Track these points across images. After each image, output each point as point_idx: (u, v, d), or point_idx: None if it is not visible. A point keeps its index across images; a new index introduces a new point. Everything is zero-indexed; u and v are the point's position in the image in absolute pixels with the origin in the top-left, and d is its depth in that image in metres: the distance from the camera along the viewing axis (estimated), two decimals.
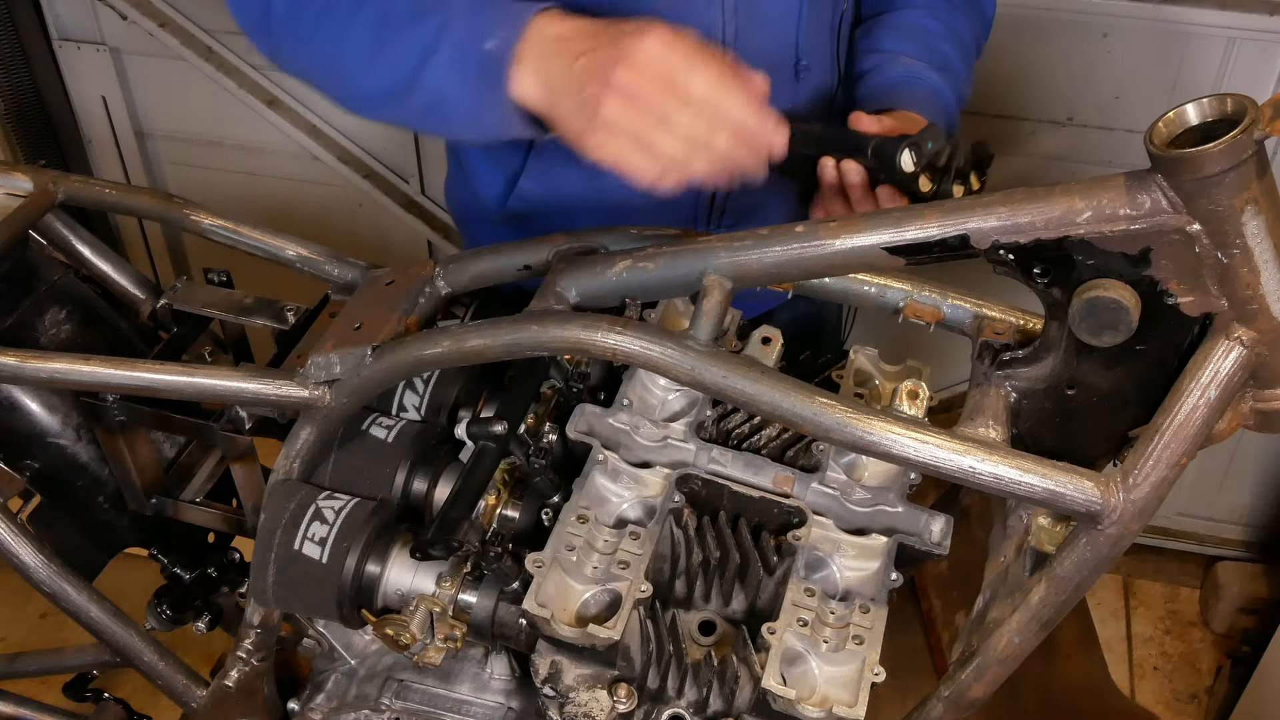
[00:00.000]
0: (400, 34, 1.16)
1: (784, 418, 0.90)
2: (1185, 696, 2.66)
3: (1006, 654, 0.95)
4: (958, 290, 1.05)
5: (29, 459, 1.36)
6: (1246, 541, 2.84)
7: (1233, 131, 0.71)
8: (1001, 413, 0.93)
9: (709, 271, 0.95)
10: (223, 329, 1.42)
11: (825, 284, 1.09)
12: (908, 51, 1.42)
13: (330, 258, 1.28)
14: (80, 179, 1.35)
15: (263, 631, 1.22)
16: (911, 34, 1.45)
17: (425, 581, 1.08)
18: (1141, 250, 0.79)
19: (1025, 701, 1.43)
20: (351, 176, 2.77)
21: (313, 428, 1.11)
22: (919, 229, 0.85)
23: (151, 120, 2.92)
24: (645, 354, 0.93)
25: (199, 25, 2.68)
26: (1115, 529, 0.84)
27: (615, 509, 1.08)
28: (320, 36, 1.20)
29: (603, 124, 1.04)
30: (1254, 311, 0.78)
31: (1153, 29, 2.22)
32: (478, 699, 1.18)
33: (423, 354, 1.03)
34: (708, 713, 1.03)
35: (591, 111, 1.04)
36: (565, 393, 1.18)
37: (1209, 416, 0.81)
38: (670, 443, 1.10)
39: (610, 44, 1.04)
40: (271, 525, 1.08)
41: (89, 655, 1.52)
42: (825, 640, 0.99)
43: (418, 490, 1.13)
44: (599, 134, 1.04)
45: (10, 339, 1.31)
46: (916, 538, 1.04)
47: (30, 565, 1.24)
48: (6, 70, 2.78)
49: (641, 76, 1.02)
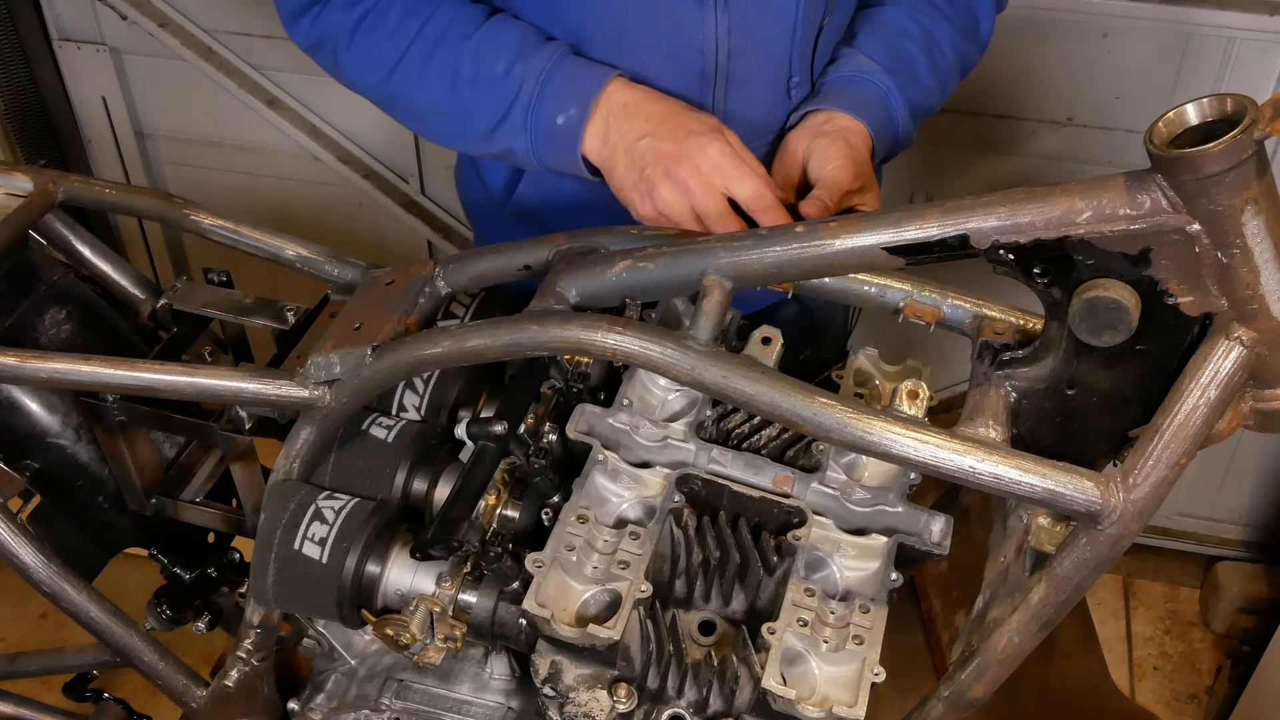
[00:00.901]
0: (471, 98, 1.29)
1: (784, 418, 0.90)
2: (1185, 696, 2.66)
3: (1006, 654, 0.95)
4: (958, 290, 1.05)
5: (29, 459, 1.36)
6: (1246, 541, 2.84)
7: (1233, 131, 0.71)
8: (1001, 413, 0.93)
9: (709, 271, 0.95)
10: (223, 329, 1.42)
11: (825, 284, 1.09)
12: (870, 51, 1.40)
13: (330, 258, 1.28)
14: (80, 179, 1.35)
15: (263, 631, 1.22)
16: (881, 31, 1.43)
17: (425, 581, 1.08)
18: (1141, 250, 0.79)
19: (1025, 701, 1.43)
20: (351, 176, 2.77)
21: (313, 428, 1.11)
22: (919, 229, 0.85)
23: (151, 120, 2.92)
24: (645, 354, 0.93)
25: (199, 25, 2.68)
26: (1115, 529, 0.84)
27: (615, 509, 1.08)
28: (390, 85, 1.34)
29: (654, 203, 1.22)
30: (1254, 311, 0.78)
31: (1153, 29, 2.22)
32: (478, 699, 1.18)
33: (423, 354, 1.03)
34: (708, 713, 1.03)
35: (647, 190, 1.21)
36: (565, 393, 1.18)
37: (1209, 416, 0.81)
38: (670, 443, 1.10)
39: (675, 137, 1.21)
40: (271, 525, 1.08)
41: (89, 655, 1.52)
42: (825, 640, 0.99)
43: (418, 490, 1.13)
44: (647, 209, 1.23)
45: (10, 339, 1.31)
46: (916, 538, 1.04)
47: (30, 565, 1.23)
48: (6, 70, 2.78)
49: (698, 179, 1.19)
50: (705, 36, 1.31)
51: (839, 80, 1.38)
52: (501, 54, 1.28)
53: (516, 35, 1.30)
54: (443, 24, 1.30)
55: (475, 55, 1.29)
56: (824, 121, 1.31)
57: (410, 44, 1.30)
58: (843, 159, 1.24)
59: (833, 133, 1.28)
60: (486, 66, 1.28)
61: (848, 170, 1.24)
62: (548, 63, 1.27)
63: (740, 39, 1.32)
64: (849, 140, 1.27)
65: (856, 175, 1.24)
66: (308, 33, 1.37)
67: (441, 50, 1.29)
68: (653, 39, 1.31)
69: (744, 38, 1.32)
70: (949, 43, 1.44)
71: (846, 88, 1.36)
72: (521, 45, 1.29)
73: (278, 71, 2.71)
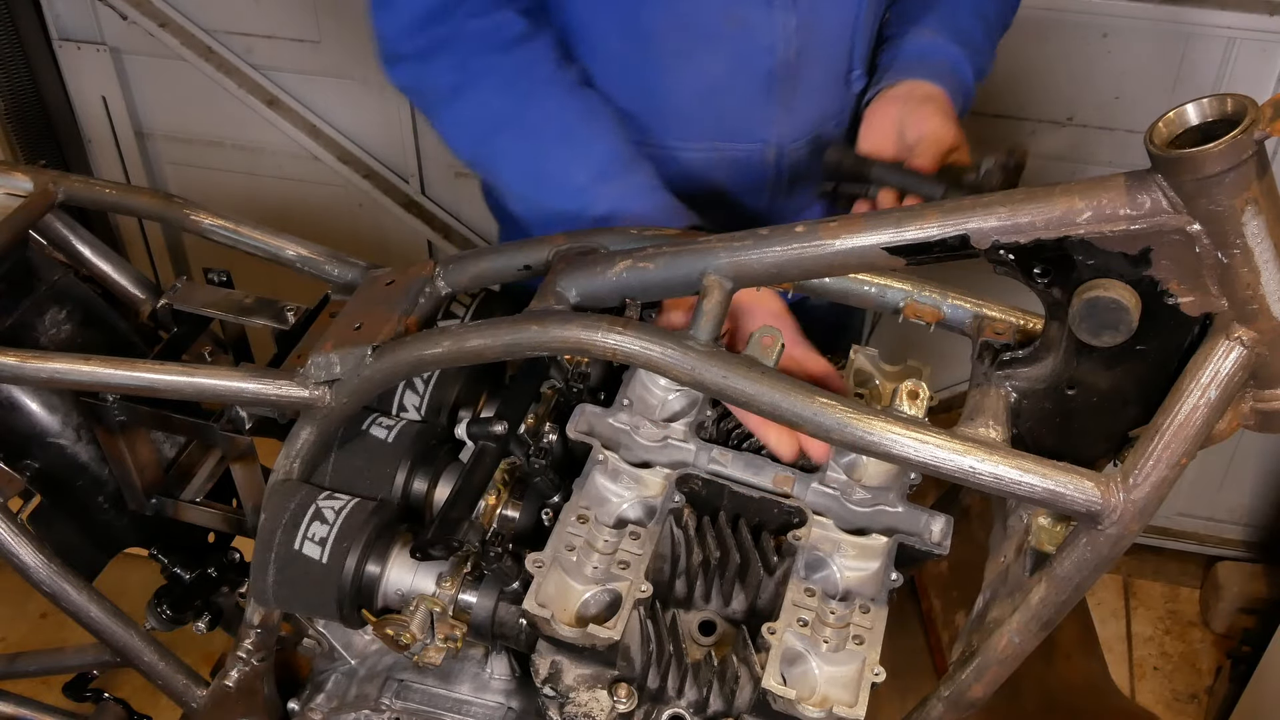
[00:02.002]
0: (549, 195, 1.29)
1: (784, 418, 0.90)
2: (1185, 696, 2.66)
3: (1006, 654, 0.95)
4: (958, 290, 1.05)
5: (29, 459, 1.36)
6: (1246, 541, 2.84)
7: (1233, 132, 0.70)
8: (1001, 413, 0.93)
9: (709, 271, 0.94)
10: (223, 329, 1.42)
11: (825, 284, 1.09)
12: (931, 24, 1.45)
13: (330, 258, 1.28)
14: (80, 179, 1.35)
15: (263, 631, 1.22)
16: (937, 4, 1.48)
17: (425, 581, 1.07)
18: (1141, 250, 0.79)
19: (1025, 701, 1.43)
20: (351, 176, 2.77)
21: (313, 428, 1.11)
22: (919, 229, 0.85)
23: (151, 120, 2.92)
24: (645, 354, 0.93)
25: (199, 25, 2.68)
26: (1115, 529, 0.84)
27: (615, 509, 1.08)
28: (478, 157, 1.34)
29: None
30: (1254, 311, 0.78)
31: (1153, 29, 2.22)
32: (478, 699, 1.18)
33: (423, 354, 1.03)
34: (708, 713, 1.03)
35: None
36: (565, 393, 1.18)
37: (1209, 416, 0.81)
38: (670, 443, 1.10)
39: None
40: (271, 525, 1.08)
41: (89, 655, 1.53)
42: (825, 640, 0.99)
43: (418, 490, 1.13)
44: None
45: (10, 339, 1.31)
46: (916, 538, 1.04)
47: (30, 565, 1.23)
48: (6, 70, 2.79)
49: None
50: (774, 37, 1.34)
51: (911, 53, 1.43)
52: (586, 167, 1.28)
53: (606, 150, 1.29)
54: (535, 114, 1.29)
55: (562, 158, 1.28)
56: (909, 90, 1.36)
57: (501, 126, 1.29)
58: (939, 118, 1.30)
59: (922, 98, 1.34)
60: (569, 174, 1.28)
61: (948, 129, 1.29)
62: (627, 192, 1.27)
63: (807, 36, 1.35)
64: (939, 103, 1.33)
65: (956, 133, 1.30)
66: (406, 79, 1.35)
67: (528, 140, 1.29)
68: (722, 42, 1.34)
69: (811, 35, 1.35)
70: (995, 10, 1.52)
71: (922, 60, 1.41)
72: (607, 165, 1.28)
73: (278, 71, 2.71)
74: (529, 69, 1.29)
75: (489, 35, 1.28)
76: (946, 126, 1.30)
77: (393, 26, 1.30)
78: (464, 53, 1.28)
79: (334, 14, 2.58)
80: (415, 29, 1.28)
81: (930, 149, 1.27)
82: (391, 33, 1.31)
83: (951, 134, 1.30)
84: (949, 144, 1.29)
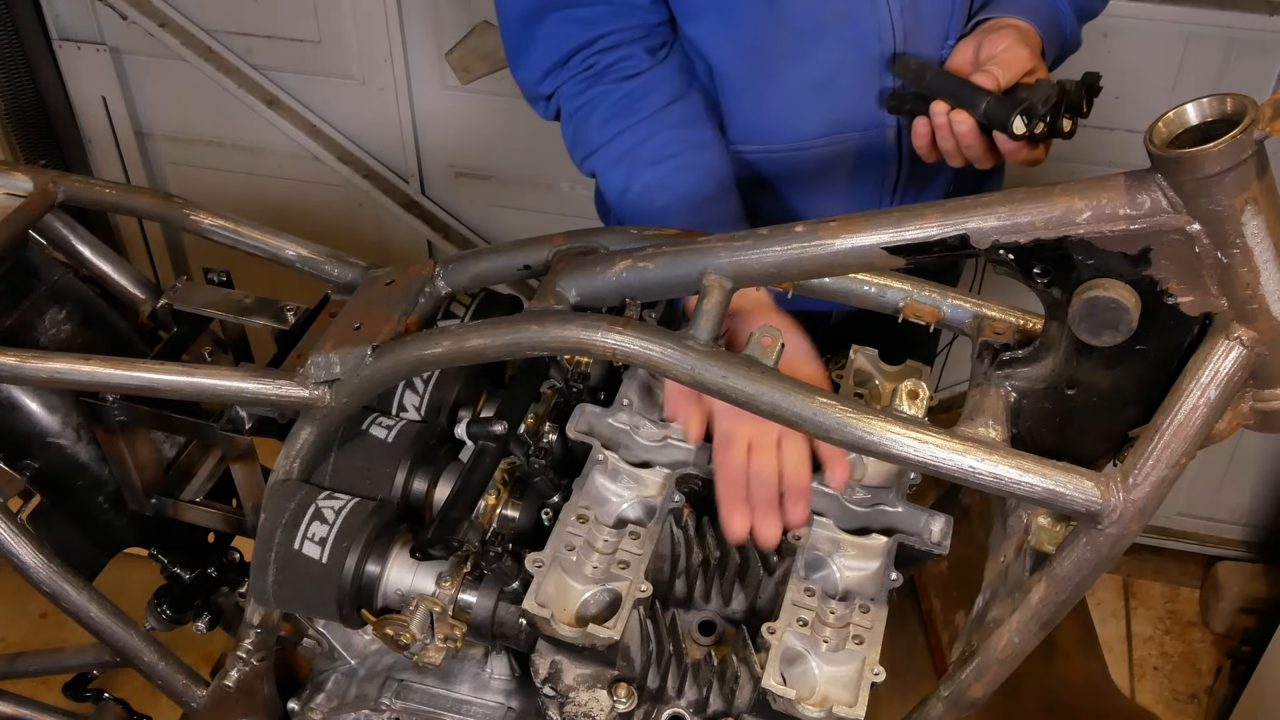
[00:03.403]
0: (633, 218, 1.34)
1: (784, 418, 0.90)
2: (1185, 696, 2.66)
3: (1006, 654, 0.95)
4: (958, 290, 1.05)
5: (29, 459, 1.36)
6: (1246, 541, 2.84)
7: (1233, 131, 0.71)
8: (1001, 413, 0.93)
9: (709, 271, 0.94)
10: (223, 329, 1.42)
11: (825, 284, 1.09)
12: None
13: (330, 258, 1.28)
14: (80, 179, 1.35)
15: (263, 631, 1.22)
16: None
17: (425, 581, 1.08)
18: (1141, 250, 0.79)
19: (1025, 701, 1.43)
20: (351, 176, 2.77)
21: (313, 428, 1.11)
22: (919, 229, 0.85)
23: (151, 120, 2.92)
24: (645, 354, 0.93)
25: (199, 25, 2.68)
26: (1115, 529, 0.84)
27: (615, 509, 1.08)
28: (585, 168, 1.42)
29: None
30: (1254, 311, 0.78)
31: (1153, 29, 2.21)
32: (478, 699, 1.18)
33: (423, 354, 1.03)
34: (708, 713, 1.03)
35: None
36: (565, 393, 1.18)
37: (1209, 416, 0.81)
38: (670, 442, 1.10)
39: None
40: (271, 525, 1.08)
41: (89, 655, 1.53)
42: (825, 640, 0.99)
43: (418, 490, 1.13)
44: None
45: (10, 339, 1.31)
46: (916, 538, 1.04)
47: (30, 565, 1.23)
48: (6, 70, 2.78)
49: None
50: (880, 23, 1.35)
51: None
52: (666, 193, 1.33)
53: (695, 188, 1.33)
54: (630, 143, 1.34)
55: (651, 186, 1.33)
56: (991, 24, 1.36)
57: (602, 146, 1.36)
58: (1011, 40, 1.30)
59: (1000, 27, 1.34)
60: (651, 205, 1.33)
61: (1019, 52, 1.28)
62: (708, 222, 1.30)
63: (912, 18, 1.36)
64: (1018, 29, 1.32)
65: (1029, 57, 1.28)
66: (549, 115, 1.44)
67: (624, 166, 1.34)
68: (830, 38, 1.36)
69: (915, 16, 1.37)
70: None
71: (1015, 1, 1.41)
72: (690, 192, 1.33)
73: (278, 71, 2.71)
74: (638, 100, 1.35)
75: (612, 69, 1.36)
76: (1017, 50, 1.28)
77: (529, 76, 1.40)
78: (586, 85, 1.36)
79: (334, 14, 2.58)
80: (547, 76, 1.38)
81: (997, 67, 1.26)
82: (528, 80, 1.41)
83: (1024, 58, 1.28)
84: (1020, 66, 1.27)
